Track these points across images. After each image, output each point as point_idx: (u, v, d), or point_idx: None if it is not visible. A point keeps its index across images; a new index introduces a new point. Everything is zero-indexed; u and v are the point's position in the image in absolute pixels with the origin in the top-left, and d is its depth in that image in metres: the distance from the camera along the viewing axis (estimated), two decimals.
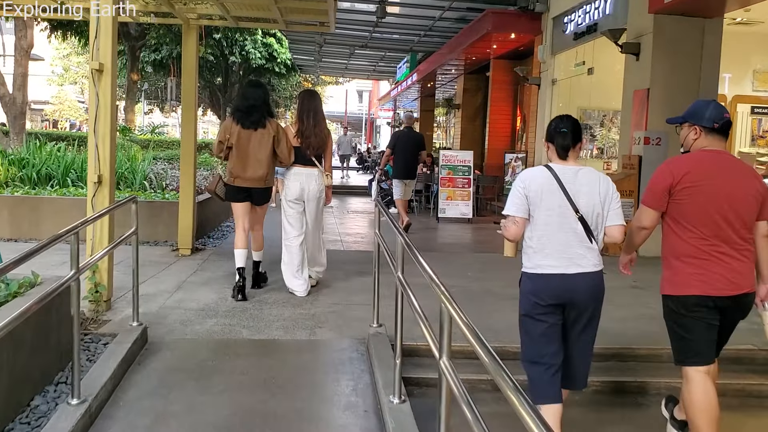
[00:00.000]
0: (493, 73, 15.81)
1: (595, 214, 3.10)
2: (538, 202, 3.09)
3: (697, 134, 3.22)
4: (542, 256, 3.10)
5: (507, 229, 3.18)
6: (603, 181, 3.15)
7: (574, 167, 3.17)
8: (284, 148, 5.63)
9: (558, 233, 3.08)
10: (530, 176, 3.18)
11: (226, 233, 9.68)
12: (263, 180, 5.64)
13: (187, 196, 7.71)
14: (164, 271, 6.67)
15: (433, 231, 11.39)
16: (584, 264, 3.08)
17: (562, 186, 3.08)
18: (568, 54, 11.61)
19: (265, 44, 29.43)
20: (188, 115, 7.74)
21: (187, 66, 7.67)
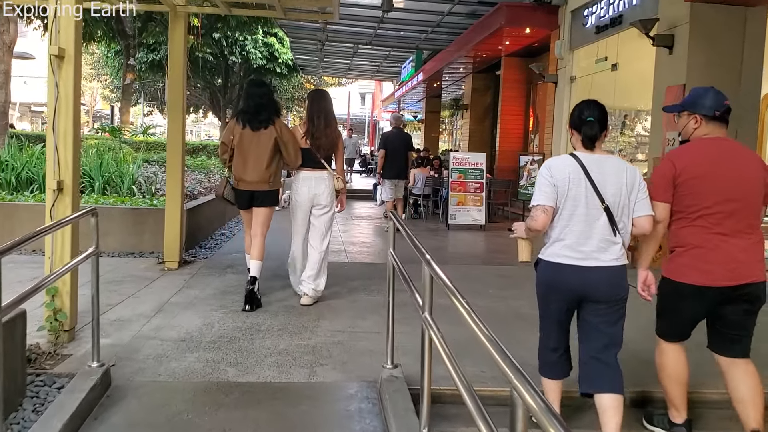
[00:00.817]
0: (504, 72, 15.02)
1: (621, 204, 3.02)
2: (565, 192, 3.01)
3: (698, 123, 3.21)
4: (561, 245, 3.04)
5: (535, 220, 3.06)
6: (630, 171, 3.07)
7: (600, 156, 3.09)
8: (290, 150, 5.35)
9: (581, 224, 3.01)
10: (556, 165, 3.08)
11: (219, 242, 8.90)
12: (266, 182, 5.36)
13: (174, 203, 6.92)
14: (145, 288, 5.88)
15: (444, 239, 10.59)
16: (604, 258, 2.99)
17: (588, 175, 3.00)
18: (589, 49, 10.82)
19: (266, 44, 28.75)
20: (175, 112, 6.96)
21: (174, 58, 6.89)
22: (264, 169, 5.31)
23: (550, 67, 11.86)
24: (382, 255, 8.53)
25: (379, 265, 7.52)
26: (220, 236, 9.44)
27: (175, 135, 6.94)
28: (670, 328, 3.30)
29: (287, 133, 5.38)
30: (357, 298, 5.78)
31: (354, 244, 9.47)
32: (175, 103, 6.92)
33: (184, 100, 6.96)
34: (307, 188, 5.45)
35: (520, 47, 13.66)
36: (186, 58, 6.94)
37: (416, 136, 32.07)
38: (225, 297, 5.62)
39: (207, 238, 9.04)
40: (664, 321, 3.32)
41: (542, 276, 3.16)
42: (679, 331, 3.28)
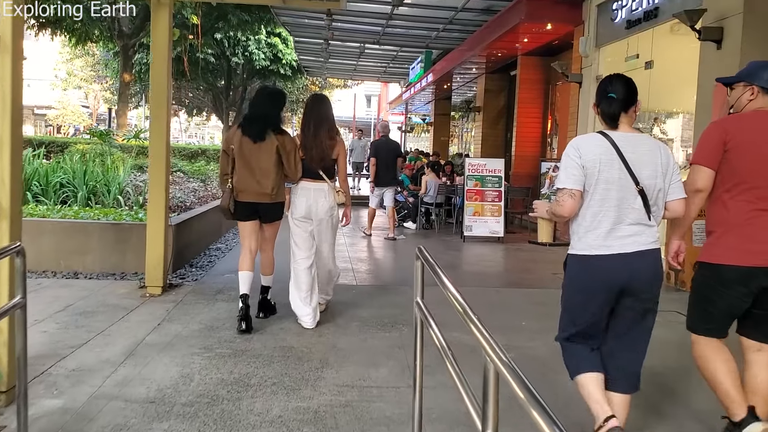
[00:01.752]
0: (521, 71, 14.12)
1: (656, 187, 2.83)
2: (596, 173, 2.78)
3: (754, 94, 3.08)
4: (595, 235, 2.81)
5: (562, 205, 2.81)
6: (663, 151, 2.88)
7: (632, 134, 2.89)
8: (291, 161, 5.02)
9: (615, 209, 2.80)
10: (585, 144, 2.85)
11: (213, 259, 8.01)
12: (270, 194, 4.99)
13: (157, 219, 6.05)
14: (119, 323, 5.00)
15: (459, 253, 9.69)
16: (641, 241, 2.81)
17: (622, 155, 2.78)
18: (618, 46, 9.92)
19: (269, 44, 27.96)
20: (158, 111, 6.08)
21: (157, 51, 6.03)
22: (269, 181, 4.95)
23: (573, 66, 10.95)
24: (395, 273, 7.63)
25: (391, 288, 6.64)
26: (215, 252, 8.56)
27: (159, 138, 6.07)
28: (709, 321, 3.07)
29: (290, 143, 5.03)
30: (368, 336, 4.88)
31: (362, 260, 8.57)
32: (159, 102, 6.05)
33: (169, 97, 6.09)
34: (305, 200, 5.09)
35: (538, 45, 12.77)
36: (170, 52, 6.08)
37: (425, 139, 31.18)
38: (211, 334, 4.74)
39: (199, 255, 8.17)
40: (702, 313, 3.09)
41: (578, 273, 2.90)
42: (718, 323, 3.06)
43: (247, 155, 4.95)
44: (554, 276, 7.47)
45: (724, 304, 3.01)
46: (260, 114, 5.04)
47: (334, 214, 5.17)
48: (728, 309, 3.02)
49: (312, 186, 5.09)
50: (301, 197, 5.10)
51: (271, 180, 4.95)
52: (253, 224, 5.13)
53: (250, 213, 5.08)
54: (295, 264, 5.13)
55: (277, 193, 5.04)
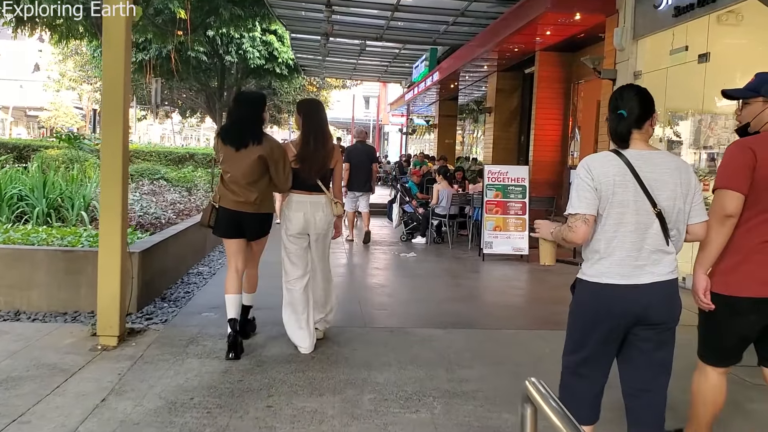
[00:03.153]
0: (539, 69, 12.82)
1: (676, 209, 2.62)
2: (609, 197, 2.57)
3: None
4: (610, 263, 2.59)
5: (575, 231, 2.59)
6: (684, 170, 2.66)
7: (649, 151, 2.65)
8: (280, 171, 4.63)
9: (631, 235, 2.58)
10: (597, 164, 2.62)
11: (192, 289, 6.70)
12: (252, 203, 4.62)
13: (110, 248, 4.73)
14: (49, 398, 3.69)
15: (479, 277, 8.39)
16: (659, 271, 2.60)
17: (637, 176, 2.57)
18: (661, 37, 8.64)
19: (264, 42, 26.68)
20: (112, 107, 4.73)
21: (110, 34, 4.70)
22: (254, 192, 4.59)
23: (606, 61, 9.65)
24: (410, 307, 6.31)
25: (410, 332, 5.32)
26: (195, 278, 7.24)
27: (113, 143, 4.73)
28: (721, 351, 2.94)
29: (277, 152, 4.63)
30: (389, 419, 3.56)
31: (370, 288, 7.25)
32: (113, 96, 4.71)
33: (127, 99, 4.77)
34: (302, 214, 4.71)
35: (561, 39, 11.48)
36: (129, 29, 4.76)
37: (428, 142, 29.89)
38: (173, 420, 3.43)
39: (176, 283, 6.85)
40: (714, 343, 2.96)
41: (588, 301, 2.67)
42: (729, 354, 2.94)
43: (232, 164, 4.59)
44: None
45: (742, 334, 2.88)
46: (238, 121, 4.70)
47: (331, 228, 4.88)
48: (746, 337, 2.90)
49: (308, 199, 4.72)
50: (297, 211, 4.72)
51: (255, 189, 4.60)
52: (239, 242, 4.72)
53: (234, 226, 4.67)
54: (289, 284, 4.77)
55: (262, 204, 4.68)
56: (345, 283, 7.38)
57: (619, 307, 2.60)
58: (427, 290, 7.22)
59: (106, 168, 4.75)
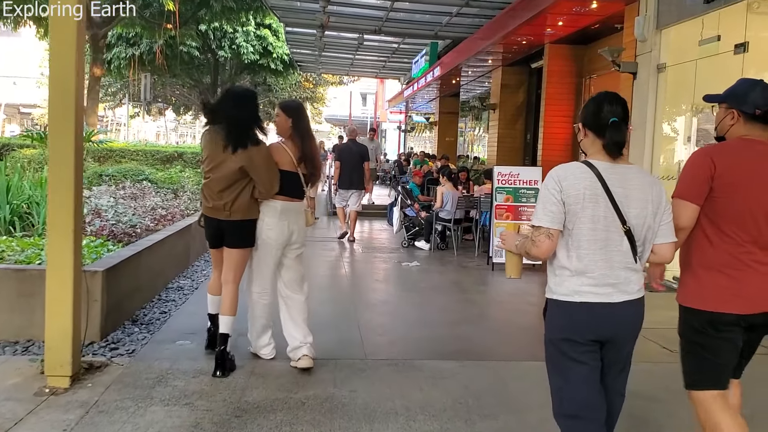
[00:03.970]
0: (549, 62, 12.07)
1: (645, 227, 2.54)
2: (579, 211, 2.47)
3: (734, 119, 2.77)
4: (582, 280, 2.49)
5: (538, 246, 2.50)
6: (656, 186, 2.58)
7: (623, 166, 2.57)
8: (264, 175, 4.24)
9: (603, 251, 2.49)
10: (568, 176, 2.50)
11: (170, 307, 5.92)
12: (224, 209, 4.25)
13: (60, 268, 3.95)
14: None
15: (488, 290, 7.63)
16: (630, 290, 2.53)
17: (608, 190, 2.48)
18: (688, 26, 7.90)
19: (258, 37, 25.95)
20: (61, 111, 3.95)
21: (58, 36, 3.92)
22: (225, 194, 4.24)
23: (626, 53, 8.88)
24: (419, 333, 5.52)
25: (418, 365, 4.54)
26: (175, 293, 6.46)
27: (63, 139, 3.95)
28: (707, 372, 2.72)
29: (259, 156, 4.22)
30: None
31: (370, 306, 6.48)
32: (62, 102, 3.93)
33: (81, 77, 4.00)
34: (287, 224, 4.35)
35: (574, 30, 10.73)
36: (82, 31, 3.97)
37: (423, 139, 29.09)
38: None
39: (151, 301, 6.08)
40: (696, 365, 2.75)
41: (560, 320, 2.56)
42: (716, 374, 2.72)
43: (215, 165, 4.25)
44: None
45: (723, 352, 2.71)
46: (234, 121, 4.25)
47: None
48: (728, 355, 2.73)
49: (293, 207, 4.39)
50: (281, 219, 4.33)
51: (235, 194, 4.22)
52: (221, 251, 4.42)
53: (214, 234, 4.39)
54: (256, 296, 4.47)
55: (238, 210, 4.24)
56: (343, 299, 6.62)
57: (594, 326, 2.52)
58: (433, 308, 6.46)
59: (55, 180, 3.97)
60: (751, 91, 2.75)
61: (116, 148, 14.98)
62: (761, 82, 2.78)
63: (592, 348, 2.54)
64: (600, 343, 2.56)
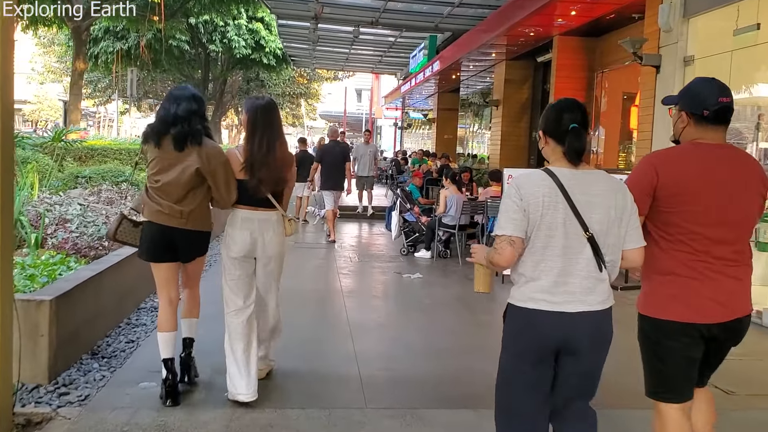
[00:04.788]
0: (558, 56, 11.32)
1: (609, 233, 2.47)
2: (538, 219, 2.43)
3: (685, 122, 2.67)
4: (537, 287, 2.45)
5: (500, 254, 2.46)
6: (620, 190, 2.52)
7: (584, 172, 2.51)
8: (220, 183, 3.89)
9: (560, 259, 2.43)
10: (527, 184, 2.47)
11: (138, 335, 5.14)
12: (181, 217, 3.81)
13: None
14: None
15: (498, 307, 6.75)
16: (590, 300, 2.44)
17: (568, 197, 2.42)
18: (720, 14, 7.17)
19: (250, 30, 25.12)
20: None
21: None
22: (189, 203, 3.85)
23: (649, 45, 8.12)
24: (426, 367, 4.72)
25: (430, 418, 3.76)
26: (148, 315, 5.69)
27: None
28: (662, 381, 2.67)
29: (215, 159, 3.88)
30: None
31: (368, 329, 5.69)
32: None
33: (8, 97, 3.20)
34: (249, 233, 3.98)
35: (587, 20, 9.97)
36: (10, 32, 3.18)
37: (424, 137, 28.31)
38: None
39: (119, 326, 5.29)
40: (652, 373, 2.70)
41: (514, 326, 2.54)
42: (671, 384, 2.66)
43: (163, 171, 3.85)
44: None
45: (680, 361, 2.64)
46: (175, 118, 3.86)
47: (284, 249, 4.17)
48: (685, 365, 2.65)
49: (256, 216, 4.02)
50: (243, 230, 4.01)
51: (188, 200, 3.87)
52: (170, 267, 4.01)
53: (163, 246, 3.92)
54: (228, 317, 4.04)
55: (196, 219, 3.91)
56: (338, 321, 5.84)
57: (541, 334, 2.47)
58: (440, 331, 5.70)
59: None
60: (700, 90, 2.66)
61: (99, 147, 14.14)
62: (712, 80, 2.67)
63: (544, 356, 2.49)
64: (554, 353, 2.50)
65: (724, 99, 2.62)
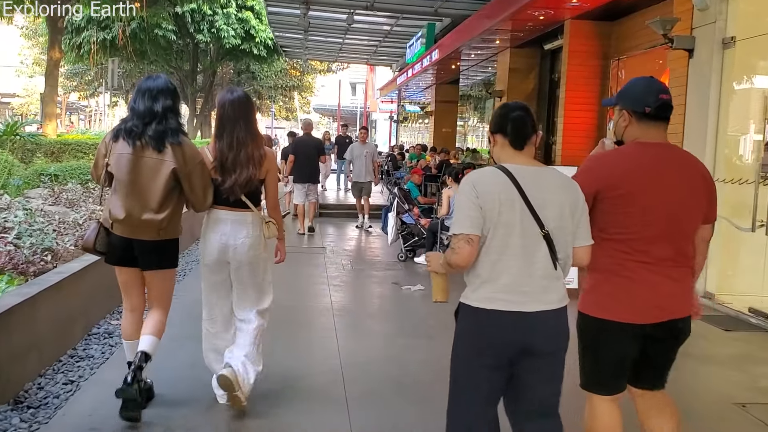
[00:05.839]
0: (571, 41, 10.37)
1: (564, 230, 2.43)
2: (495, 217, 2.37)
3: (627, 121, 2.68)
4: (494, 287, 2.38)
5: (458, 253, 2.37)
6: (572, 187, 2.48)
7: (536, 168, 2.50)
8: (197, 185, 3.62)
9: (517, 258, 2.38)
10: (482, 181, 2.42)
11: (80, 374, 4.19)
12: (156, 228, 3.57)
13: None
14: None
15: None
16: (548, 299, 2.39)
17: (524, 194, 2.38)
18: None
19: (240, 20, 24.09)
20: None
21: None
22: (157, 210, 3.54)
23: (680, 26, 7.17)
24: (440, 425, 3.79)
25: None
26: (97, 345, 4.74)
27: None
28: (600, 376, 2.70)
29: (193, 160, 3.59)
30: None
31: (366, 373, 4.72)
32: None
33: None
34: (219, 236, 3.70)
35: (604, 1, 9.00)
36: None
37: (420, 131, 27.34)
38: None
39: (59, 360, 4.35)
40: (591, 369, 2.72)
41: (469, 327, 2.46)
42: (610, 379, 2.69)
43: (128, 173, 3.52)
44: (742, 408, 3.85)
45: (614, 358, 2.65)
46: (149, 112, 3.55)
47: (260, 254, 3.76)
48: (619, 363, 2.66)
49: (230, 216, 3.72)
50: (214, 232, 3.72)
51: (161, 209, 3.54)
52: (132, 273, 3.69)
53: (126, 253, 3.61)
54: (205, 324, 3.87)
55: (169, 228, 3.60)
56: (328, 356, 4.89)
57: (503, 336, 2.39)
58: None
59: None
60: (640, 88, 2.68)
61: (72, 141, 13.12)
62: (649, 78, 2.73)
63: (499, 358, 2.41)
64: (514, 355, 2.41)
65: (664, 96, 2.62)
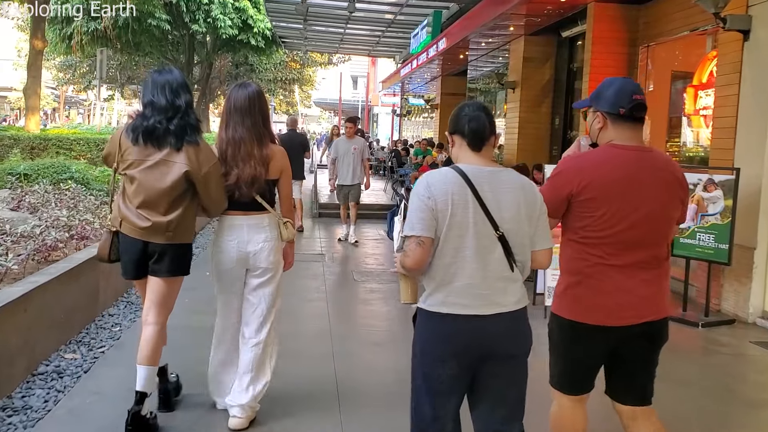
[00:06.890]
0: (595, 27, 9.39)
1: (520, 232, 2.39)
2: (447, 218, 2.32)
3: (601, 123, 2.64)
4: (448, 291, 2.35)
5: (408, 255, 2.33)
6: (529, 189, 2.45)
7: (492, 168, 2.43)
8: (212, 189, 3.47)
9: (471, 261, 2.33)
10: (436, 182, 2.38)
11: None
12: (163, 230, 3.40)
13: None
14: None
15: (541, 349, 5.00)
16: (504, 301, 2.37)
17: (478, 195, 2.34)
18: None
19: (237, 9, 23.08)
20: None
21: None
22: (169, 212, 3.39)
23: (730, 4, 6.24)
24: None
25: None
26: (42, 387, 3.84)
27: None
28: (568, 376, 2.71)
29: (206, 160, 3.43)
30: None
31: (367, 426, 3.84)
32: None
33: None
34: (236, 242, 3.54)
35: None
36: None
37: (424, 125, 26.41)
38: None
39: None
40: (559, 368, 2.73)
41: (425, 333, 2.40)
42: (578, 380, 2.70)
43: (142, 173, 3.38)
44: None
45: (583, 360, 2.65)
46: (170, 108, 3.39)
47: (280, 259, 3.65)
48: (589, 364, 2.67)
49: (245, 221, 3.55)
50: (229, 238, 3.55)
51: (172, 211, 3.39)
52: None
53: (139, 261, 3.43)
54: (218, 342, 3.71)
55: (179, 231, 3.42)
56: (325, 397, 3.99)
57: (459, 341, 2.33)
58: None
59: None
60: (614, 89, 2.61)
61: (53, 136, 12.21)
62: (623, 79, 2.66)
63: (458, 362, 2.34)
64: (471, 359, 2.35)
65: (638, 96, 2.57)
